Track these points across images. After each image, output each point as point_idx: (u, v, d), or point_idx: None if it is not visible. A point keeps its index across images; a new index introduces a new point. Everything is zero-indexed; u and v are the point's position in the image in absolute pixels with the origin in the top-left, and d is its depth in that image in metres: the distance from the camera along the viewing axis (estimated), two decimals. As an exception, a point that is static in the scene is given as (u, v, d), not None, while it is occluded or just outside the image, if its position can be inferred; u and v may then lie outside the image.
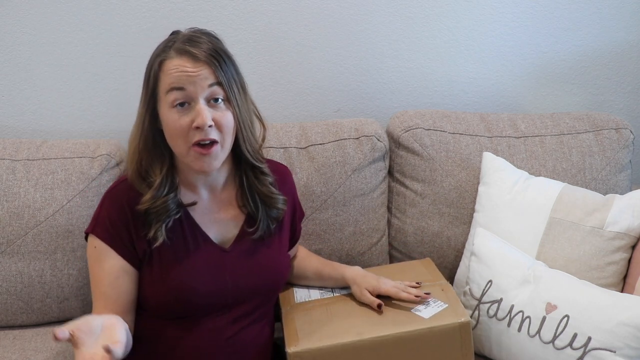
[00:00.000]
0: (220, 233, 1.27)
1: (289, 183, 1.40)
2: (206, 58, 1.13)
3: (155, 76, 1.15)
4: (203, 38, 1.16)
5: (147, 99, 1.17)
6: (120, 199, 1.21)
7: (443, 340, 1.24)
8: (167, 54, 1.14)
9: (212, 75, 1.14)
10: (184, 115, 1.13)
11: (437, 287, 1.38)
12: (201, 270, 1.22)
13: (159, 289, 1.21)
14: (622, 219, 1.47)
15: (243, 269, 1.26)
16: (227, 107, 1.16)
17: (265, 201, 1.28)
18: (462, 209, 1.66)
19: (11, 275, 1.52)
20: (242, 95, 1.20)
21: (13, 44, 1.70)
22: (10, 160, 1.56)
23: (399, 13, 1.81)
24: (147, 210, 1.19)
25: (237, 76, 1.19)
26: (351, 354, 1.22)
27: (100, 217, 1.22)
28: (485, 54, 1.88)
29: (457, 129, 1.70)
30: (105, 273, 1.20)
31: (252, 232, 1.27)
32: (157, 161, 1.21)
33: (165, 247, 1.20)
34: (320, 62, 1.82)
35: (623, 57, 1.94)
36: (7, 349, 1.48)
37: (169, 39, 1.19)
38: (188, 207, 1.24)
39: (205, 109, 1.13)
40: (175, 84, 1.12)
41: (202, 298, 1.21)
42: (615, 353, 1.24)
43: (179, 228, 1.23)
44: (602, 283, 1.44)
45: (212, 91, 1.14)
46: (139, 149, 1.20)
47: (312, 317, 1.32)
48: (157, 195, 1.19)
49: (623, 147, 1.71)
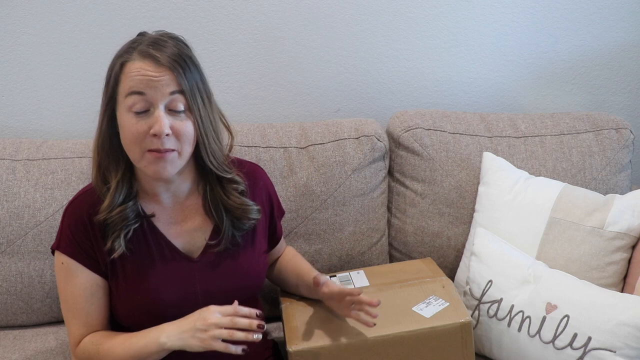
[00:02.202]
0: (187, 242, 1.22)
1: (261, 182, 1.33)
2: (169, 63, 1.08)
3: (115, 78, 1.11)
4: (169, 42, 1.11)
5: (107, 101, 1.13)
6: (79, 212, 1.17)
7: (444, 340, 1.24)
8: (130, 56, 1.10)
9: (174, 82, 1.09)
10: (142, 121, 1.08)
11: (438, 283, 1.38)
12: (168, 281, 1.18)
13: (126, 302, 1.18)
14: (622, 219, 1.47)
15: (213, 278, 1.21)
16: (188, 116, 1.11)
17: (234, 212, 1.22)
18: (462, 209, 1.66)
19: (11, 275, 1.52)
20: (206, 104, 1.14)
21: (13, 44, 1.70)
22: (10, 160, 1.56)
23: (399, 13, 1.81)
24: (105, 220, 1.14)
25: (202, 85, 1.14)
26: (352, 353, 1.22)
27: (64, 232, 1.18)
28: (485, 54, 1.88)
29: (457, 129, 1.70)
30: (79, 289, 1.17)
31: (216, 245, 1.22)
32: (113, 165, 1.16)
33: (128, 259, 1.17)
34: (320, 62, 1.82)
35: (623, 57, 1.94)
36: (7, 349, 1.48)
37: (134, 40, 1.14)
38: (151, 217, 1.20)
39: (164, 117, 1.08)
40: (136, 88, 1.08)
41: (172, 309, 1.17)
42: (615, 353, 1.24)
43: (142, 239, 1.19)
44: (602, 283, 1.44)
45: (173, 99, 1.09)
46: (98, 152, 1.16)
47: (312, 315, 1.31)
48: (114, 203, 1.14)
49: (623, 147, 1.71)
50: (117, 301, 1.19)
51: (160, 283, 1.18)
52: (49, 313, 1.57)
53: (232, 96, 1.81)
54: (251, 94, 1.83)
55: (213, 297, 1.20)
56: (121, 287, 1.18)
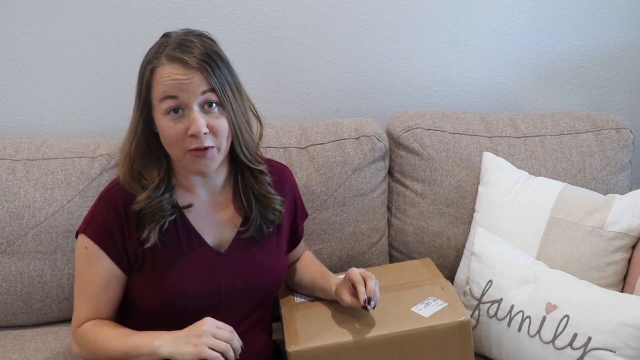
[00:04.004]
0: (216, 236, 1.26)
1: (289, 183, 1.37)
2: (198, 64, 1.11)
3: (147, 84, 1.14)
4: (194, 42, 1.14)
5: (141, 106, 1.16)
6: (115, 202, 1.20)
7: (443, 339, 1.24)
8: (159, 61, 1.12)
9: (205, 82, 1.12)
10: (179, 123, 1.12)
11: (437, 285, 1.38)
12: (195, 273, 1.21)
13: (151, 293, 1.19)
14: (622, 219, 1.47)
15: (238, 272, 1.24)
16: (222, 112, 1.14)
17: (262, 201, 1.26)
18: (462, 209, 1.66)
19: (11, 275, 1.52)
20: (237, 97, 1.17)
21: (13, 44, 1.70)
22: (10, 160, 1.56)
23: (399, 13, 1.81)
24: (142, 210, 1.17)
25: (231, 78, 1.17)
26: (351, 352, 1.22)
27: (94, 218, 1.20)
28: (485, 54, 1.88)
29: (457, 129, 1.70)
30: (97, 276, 1.19)
31: (244, 232, 1.25)
32: (153, 165, 1.20)
33: (158, 250, 1.19)
34: (320, 62, 1.82)
35: (623, 57, 1.94)
36: (7, 349, 1.48)
37: (160, 43, 1.16)
38: (184, 210, 1.23)
39: (199, 117, 1.11)
40: (168, 93, 1.11)
41: (194, 302, 1.19)
42: (615, 353, 1.24)
43: (173, 231, 1.21)
44: (602, 283, 1.44)
45: (206, 97, 1.12)
46: (131, 153, 1.19)
47: (312, 317, 1.32)
48: (153, 195, 1.18)
49: (623, 147, 1.71)
50: (141, 291, 1.21)
51: (187, 275, 1.20)
52: (49, 313, 1.57)
53: (232, 96, 1.81)
54: (251, 94, 1.79)
55: (236, 292, 1.24)
56: (148, 277, 1.20)
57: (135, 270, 1.21)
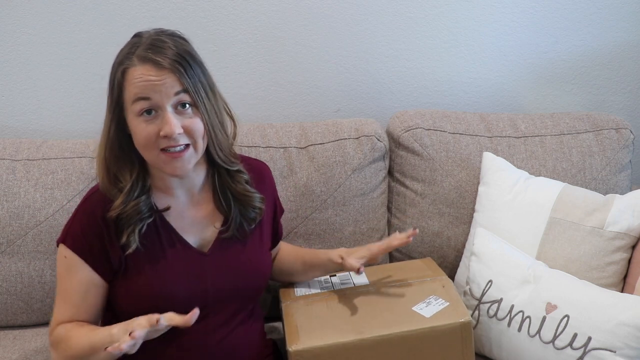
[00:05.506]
0: (198, 236, 1.24)
1: (268, 180, 1.36)
2: (170, 65, 1.09)
3: (119, 85, 1.12)
4: (167, 42, 1.11)
5: (113, 107, 1.14)
6: (93, 210, 1.17)
7: (444, 340, 1.24)
8: (131, 62, 1.10)
9: (178, 83, 1.10)
10: (151, 124, 1.10)
11: (438, 283, 1.38)
12: (181, 275, 1.20)
13: (138, 298, 1.18)
14: (622, 219, 1.47)
15: (223, 272, 1.23)
16: (195, 113, 1.13)
17: (240, 200, 1.25)
18: (462, 209, 1.66)
19: (11, 275, 1.52)
20: (210, 97, 1.16)
21: (13, 44, 1.70)
22: (10, 160, 1.56)
23: (399, 13, 1.81)
24: (119, 216, 1.15)
25: (204, 78, 1.15)
26: (352, 352, 1.22)
27: (72, 228, 1.18)
28: (485, 54, 1.88)
29: (457, 129, 1.70)
30: (75, 284, 1.18)
31: (224, 231, 1.24)
32: (126, 167, 1.18)
33: (140, 254, 1.17)
34: (320, 62, 1.82)
35: (623, 57, 1.94)
36: (7, 349, 1.48)
37: (132, 43, 1.14)
38: (163, 212, 1.21)
39: (173, 118, 1.10)
40: (141, 94, 1.09)
41: (181, 303, 1.16)
42: (615, 353, 1.24)
43: (154, 234, 1.20)
44: (602, 283, 1.44)
45: (179, 98, 1.11)
46: (106, 157, 1.17)
47: (312, 313, 1.32)
48: (128, 199, 1.15)
49: (623, 147, 1.71)
50: (126, 298, 1.19)
51: (172, 278, 1.19)
52: (49, 313, 1.55)
53: (232, 96, 1.77)
54: (251, 94, 1.83)
55: (222, 292, 1.22)
56: (132, 283, 1.18)
57: (120, 276, 1.19)
